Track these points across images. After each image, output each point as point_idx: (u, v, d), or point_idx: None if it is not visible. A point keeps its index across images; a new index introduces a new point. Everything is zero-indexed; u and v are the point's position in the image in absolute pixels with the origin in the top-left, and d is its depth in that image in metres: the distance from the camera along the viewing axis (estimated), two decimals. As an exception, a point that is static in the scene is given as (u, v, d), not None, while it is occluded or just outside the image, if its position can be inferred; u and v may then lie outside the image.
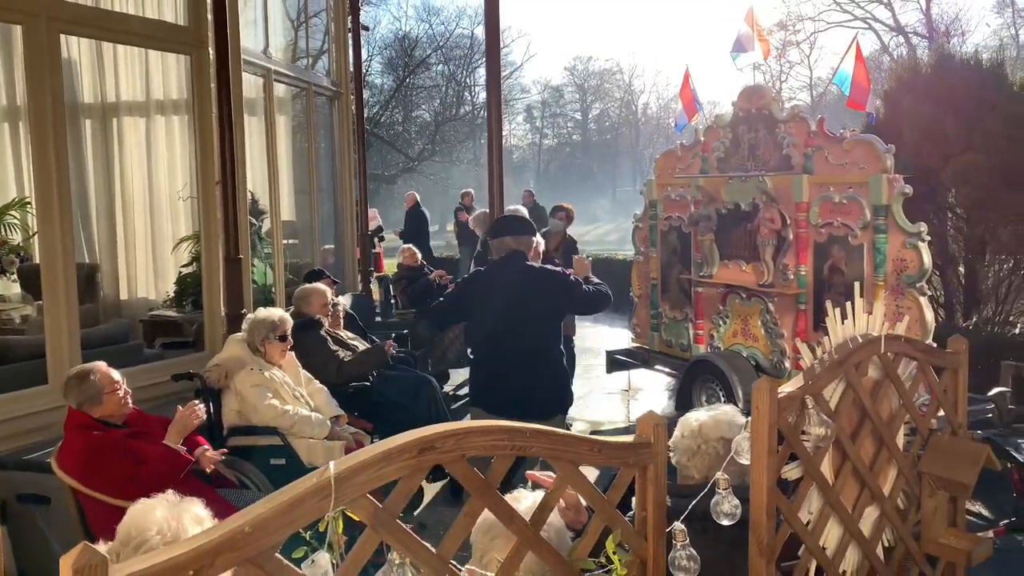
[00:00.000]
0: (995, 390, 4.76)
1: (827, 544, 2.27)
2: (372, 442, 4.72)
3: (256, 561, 1.19)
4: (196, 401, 4.06)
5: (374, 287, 9.52)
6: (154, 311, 6.95)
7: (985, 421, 4.74)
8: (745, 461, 2.06)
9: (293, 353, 4.86)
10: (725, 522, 2.03)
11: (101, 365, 3.79)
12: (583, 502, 2.12)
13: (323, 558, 1.30)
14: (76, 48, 7.43)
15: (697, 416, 2.55)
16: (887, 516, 2.39)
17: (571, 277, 4.28)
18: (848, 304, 2.36)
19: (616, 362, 8.16)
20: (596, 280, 4.46)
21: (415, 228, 13.08)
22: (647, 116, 55.57)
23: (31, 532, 3.97)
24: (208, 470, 3.81)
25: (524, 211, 7.56)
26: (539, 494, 1.83)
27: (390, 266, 11.48)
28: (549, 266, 4.51)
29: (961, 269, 8.76)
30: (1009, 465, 4.29)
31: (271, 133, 6.89)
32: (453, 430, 1.40)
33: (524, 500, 1.92)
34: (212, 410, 4.51)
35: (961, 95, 8.06)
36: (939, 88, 8.23)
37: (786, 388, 2.09)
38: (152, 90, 7.86)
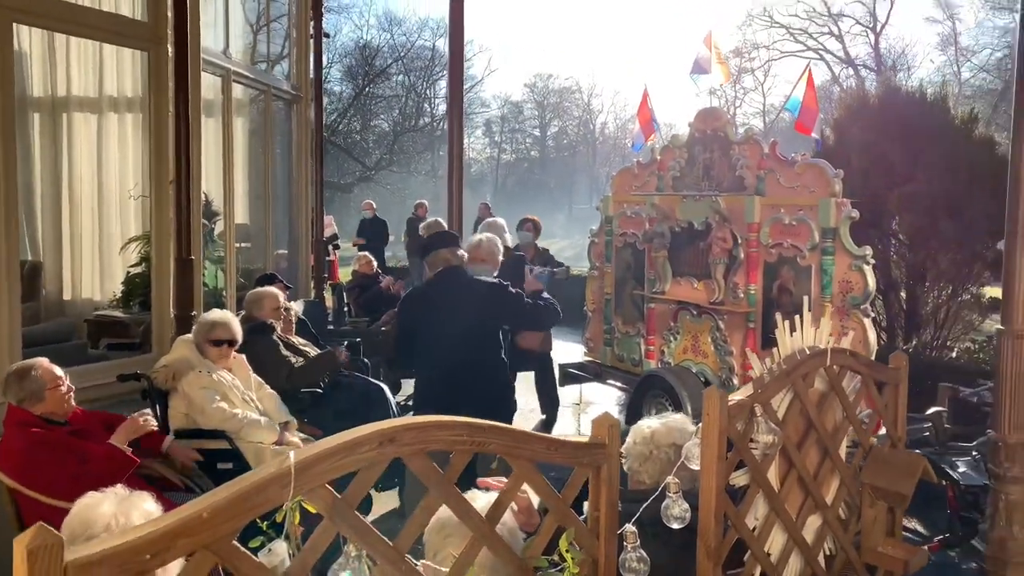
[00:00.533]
0: (932, 410, 4.93)
1: (771, 550, 2.33)
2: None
3: (213, 547, 1.18)
4: (147, 412, 3.98)
5: (327, 294, 9.44)
6: (100, 311, 6.78)
7: (922, 440, 4.90)
8: (695, 466, 2.11)
9: (244, 357, 4.79)
10: (675, 525, 2.07)
11: (43, 361, 3.69)
12: (535, 506, 2.14)
13: (280, 547, 1.30)
14: (27, 39, 7.24)
15: (649, 423, 2.60)
16: (829, 525, 2.46)
17: (514, 291, 4.31)
18: (797, 318, 2.44)
19: (569, 375, 8.21)
20: (547, 296, 4.51)
21: (374, 236, 13.03)
22: (604, 136, 56.22)
23: (-38, 535, 3.83)
24: (179, 465, 3.76)
25: (502, 222, 7.60)
26: (492, 495, 1.84)
27: (344, 274, 11.40)
28: (488, 279, 4.49)
29: (903, 294, 9.07)
30: (944, 483, 4.44)
31: (228, 134, 6.81)
32: (415, 423, 1.41)
33: (478, 500, 1.94)
34: (159, 412, 4.42)
35: (906, 126, 8.38)
36: (885, 119, 8.54)
37: (736, 396, 2.15)
38: (105, 86, 7.70)
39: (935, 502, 4.75)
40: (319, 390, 5.34)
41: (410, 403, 7.89)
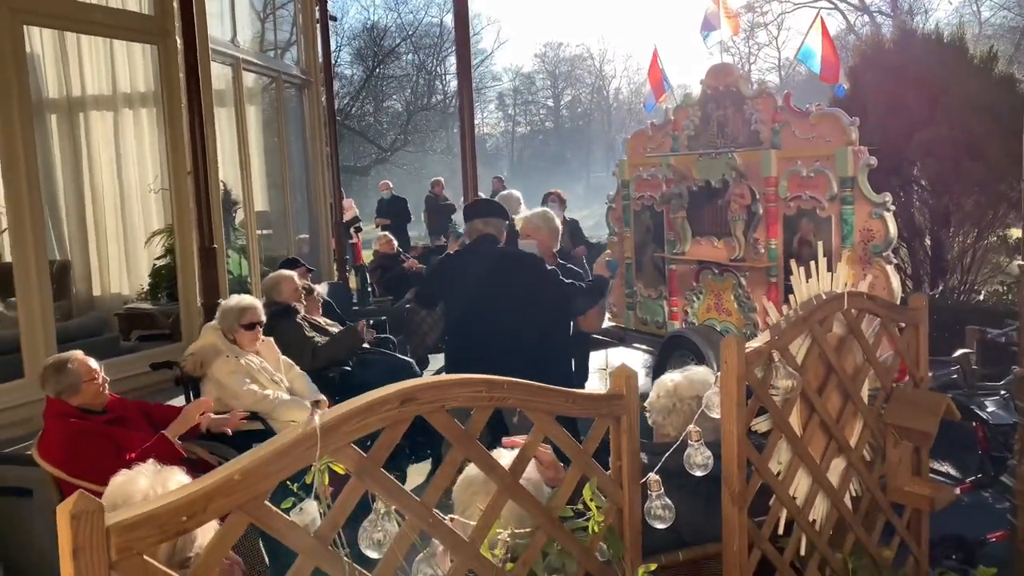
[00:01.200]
0: (959, 352, 4.90)
1: (797, 494, 2.36)
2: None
3: (247, 508, 1.24)
4: (206, 399, 4.08)
5: (351, 276, 9.52)
6: (129, 304, 6.92)
7: (951, 383, 4.88)
8: (716, 415, 2.14)
9: (272, 340, 4.87)
10: (698, 473, 2.10)
11: (78, 354, 3.79)
12: (559, 462, 2.19)
13: (311, 506, 1.35)
14: (39, 41, 7.33)
15: (672, 377, 2.64)
16: (854, 466, 2.49)
17: (549, 267, 4.28)
18: (812, 264, 2.45)
19: (593, 341, 8.25)
20: (596, 276, 4.50)
21: (395, 215, 13.07)
22: (619, 101, 55.62)
23: (14, 526, 3.97)
24: (230, 432, 3.89)
25: (518, 194, 7.59)
26: (516, 453, 1.89)
27: (368, 256, 11.47)
28: (524, 249, 4.48)
29: (927, 240, 8.96)
30: (974, 424, 4.43)
31: (241, 122, 6.87)
32: (434, 382, 1.46)
33: (503, 458, 1.99)
34: (191, 399, 4.53)
35: (923, 70, 8.22)
36: (901, 64, 8.38)
37: (753, 344, 2.17)
38: (118, 82, 7.78)
39: (966, 444, 4.74)
40: (347, 368, 5.43)
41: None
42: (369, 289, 8.93)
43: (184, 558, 1.78)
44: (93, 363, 3.79)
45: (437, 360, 8.00)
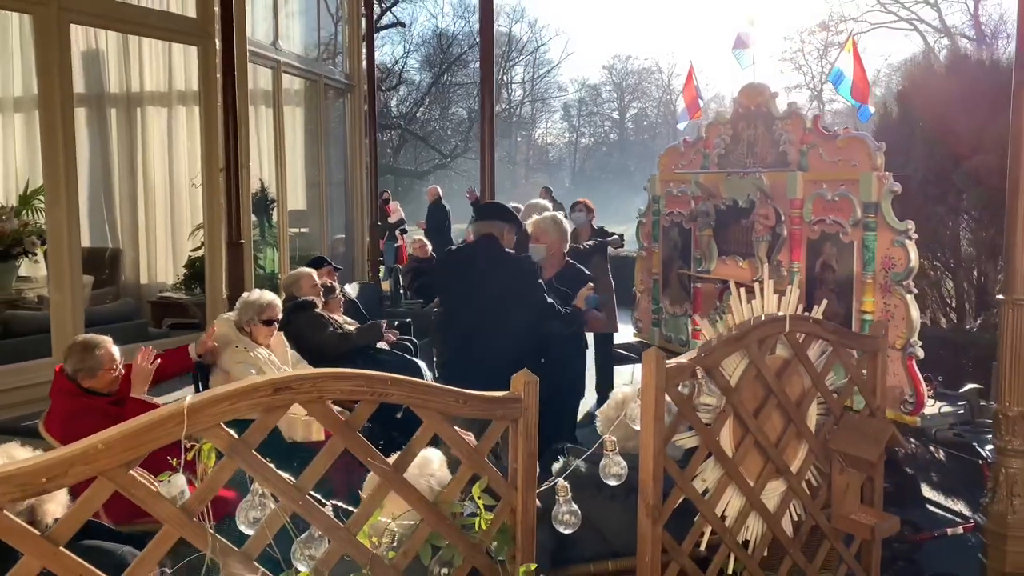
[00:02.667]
0: (968, 387, 4.76)
1: (728, 513, 2.36)
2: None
3: (109, 475, 1.34)
4: (145, 347, 4.17)
5: (383, 276, 9.72)
6: (163, 293, 7.22)
7: (962, 418, 4.75)
8: (637, 427, 2.17)
9: (283, 334, 5.04)
10: (612, 483, 2.14)
11: (108, 341, 3.94)
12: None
13: (179, 479, 1.45)
14: (104, 40, 7.74)
15: (623, 389, 2.67)
16: (794, 490, 2.47)
17: (539, 279, 4.41)
18: (757, 286, 2.45)
19: (620, 356, 8.24)
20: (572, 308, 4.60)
21: (437, 221, 13.27)
22: (716, 114, 55.06)
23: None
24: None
25: (544, 203, 7.68)
26: (432, 452, 1.96)
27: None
28: (531, 254, 4.60)
29: (975, 272, 8.65)
30: (979, 462, 4.30)
31: (279, 123, 7.11)
32: (312, 374, 1.54)
33: (434, 457, 2.07)
34: (200, 388, 4.72)
35: (975, 96, 7.96)
36: (952, 88, 8.14)
37: (680, 359, 2.20)
38: (174, 81, 8.15)
39: (978, 482, 4.60)
40: (354, 366, 5.57)
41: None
42: (401, 291, 9.10)
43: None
44: (117, 354, 3.96)
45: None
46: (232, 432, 1.46)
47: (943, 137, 8.13)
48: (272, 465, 1.52)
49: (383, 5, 34.56)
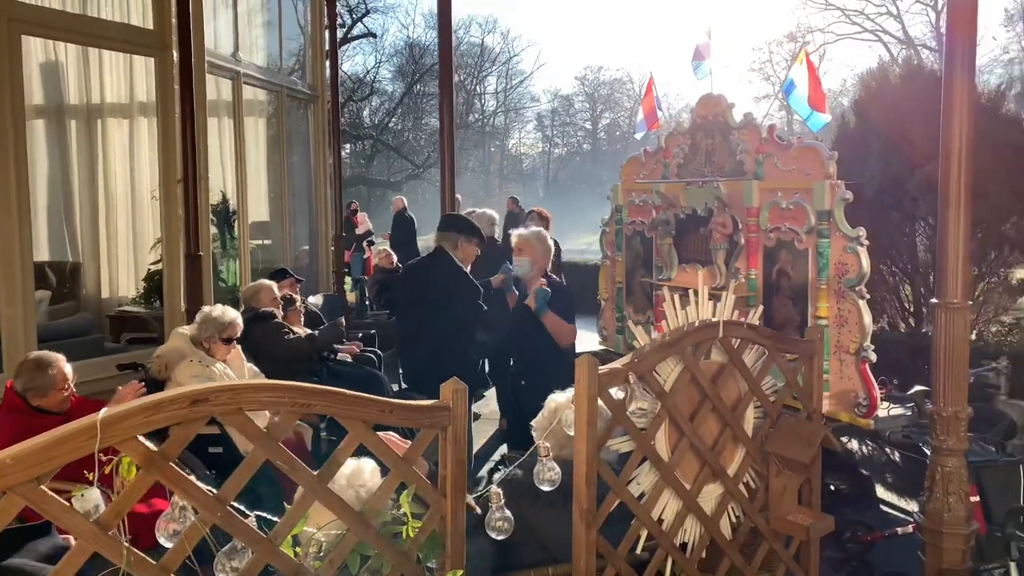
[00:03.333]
0: (915, 389, 4.85)
1: (665, 516, 2.40)
2: (315, 437, 4.89)
3: (19, 490, 1.34)
4: (136, 382, 4.19)
5: (348, 288, 9.69)
6: (121, 307, 7.15)
7: (911, 419, 4.84)
8: (572, 432, 2.20)
9: (239, 348, 5.02)
10: (546, 488, 2.16)
11: (61, 360, 3.89)
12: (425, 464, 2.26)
13: (93, 493, 1.45)
14: (63, 52, 7.66)
15: (556, 397, 2.70)
16: (731, 493, 2.51)
17: (472, 286, 4.52)
18: (691, 292, 2.50)
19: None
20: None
21: (403, 232, 13.28)
22: (675, 124, 55.55)
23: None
24: None
25: (492, 213, 7.74)
26: (364, 462, 1.97)
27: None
28: (459, 267, 4.70)
29: (931, 277, 8.83)
30: (927, 462, 4.38)
31: (239, 135, 7.08)
32: (231, 385, 1.55)
33: (365, 467, 2.08)
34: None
35: (928, 106, 8.13)
36: (906, 99, 8.33)
37: (613, 364, 2.23)
38: (135, 92, 8.08)
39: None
40: (316, 378, 5.56)
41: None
42: (367, 303, 9.09)
43: None
44: (70, 373, 3.92)
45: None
46: (150, 444, 1.47)
47: (898, 145, 8.31)
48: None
49: (354, 16, 34.55)
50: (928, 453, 4.26)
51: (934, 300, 3.09)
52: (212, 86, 6.76)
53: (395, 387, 7.49)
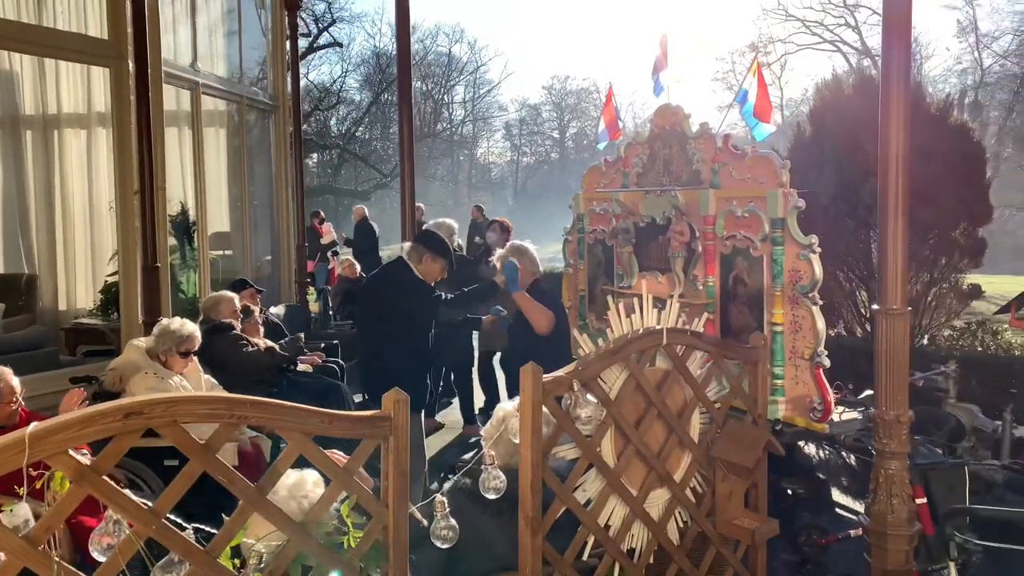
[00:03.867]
0: (866, 393, 4.96)
1: (612, 522, 2.43)
2: (274, 449, 4.86)
3: (-55, 507, 1.33)
4: (78, 389, 4.13)
5: (311, 298, 9.64)
6: (77, 319, 7.04)
7: (862, 423, 4.93)
8: (518, 440, 2.22)
9: (196, 361, 4.98)
10: (491, 496, 2.18)
11: (8, 373, 3.85)
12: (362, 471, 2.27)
13: (22, 508, 1.44)
14: (19, 62, 7.55)
15: (504, 406, 2.72)
16: (677, 498, 2.55)
17: (429, 293, 4.54)
18: (636, 301, 2.54)
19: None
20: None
21: (364, 241, 13.25)
22: (624, 135, 56.04)
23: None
24: None
25: (450, 223, 7.76)
26: (307, 472, 1.97)
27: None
28: (414, 278, 4.69)
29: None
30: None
31: (199, 145, 7.03)
32: (166, 398, 1.55)
33: (308, 478, 2.09)
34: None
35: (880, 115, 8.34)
36: (859, 108, 8.52)
37: (556, 373, 2.26)
38: (93, 102, 7.98)
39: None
40: (274, 389, 5.53)
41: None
42: (331, 313, 9.04)
43: None
44: (18, 386, 3.87)
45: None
46: (81, 458, 1.46)
47: (852, 154, 8.50)
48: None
49: (320, 25, 34.43)
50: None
51: (875, 306, 3.18)
52: (171, 96, 6.71)
53: (358, 398, 7.46)
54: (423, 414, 4.84)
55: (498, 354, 6.97)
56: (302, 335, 5.82)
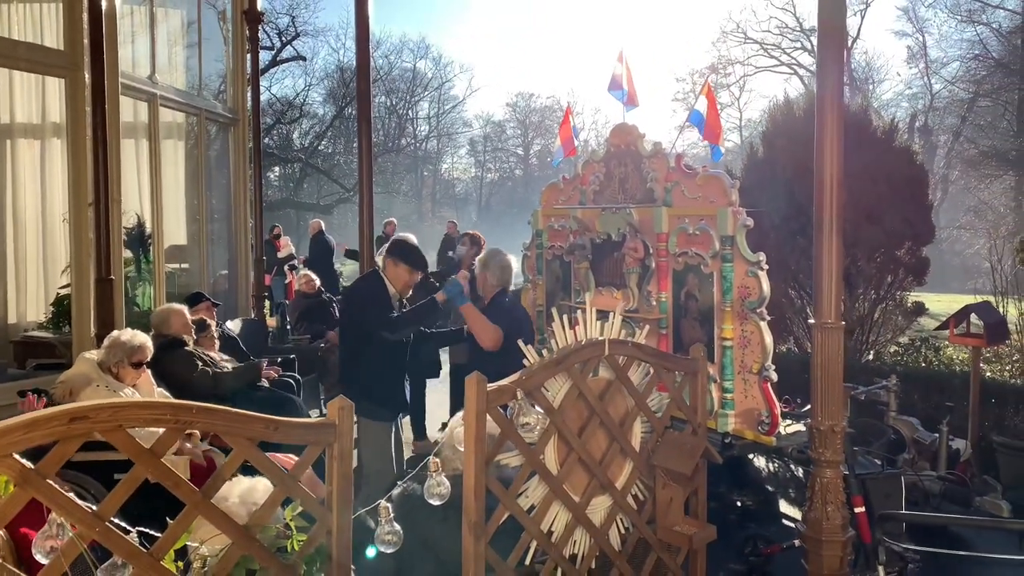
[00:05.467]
0: (808, 406, 5.10)
1: (555, 528, 2.49)
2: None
3: None
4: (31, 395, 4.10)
5: (268, 313, 9.59)
6: (28, 332, 6.93)
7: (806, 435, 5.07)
8: (463, 448, 2.28)
9: (149, 372, 4.95)
10: (435, 502, 2.24)
11: None
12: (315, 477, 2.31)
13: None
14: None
15: (458, 417, 2.79)
16: (619, 505, 2.63)
17: (381, 305, 4.61)
18: (580, 313, 2.63)
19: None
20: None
21: (320, 254, 13.28)
22: (587, 153, 56.64)
23: None
24: None
25: (411, 238, 7.83)
26: (258, 480, 2.01)
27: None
28: (379, 289, 4.74)
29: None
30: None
31: (155, 157, 6.99)
32: (112, 403, 1.59)
33: (259, 485, 2.12)
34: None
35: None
36: (808, 130, 8.76)
37: (500, 382, 2.33)
38: (48, 113, 7.89)
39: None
40: (228, 403, 5.50)
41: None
42: (288, 327, 9.01)
43: None
44: None
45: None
46: (26, 462, 1.50)
47: (802, 174, 8.74)
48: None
49: (283, 39, 34.31)
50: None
51: (811, 321, 3.31)
52: (128, 108, 6.67)
53: (315, 413, 7.45)
54: (398, 426, 4.90)
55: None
56: (264, 362, 5.81)
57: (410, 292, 4.97)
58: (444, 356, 8.13)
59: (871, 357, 8.34)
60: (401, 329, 4.57)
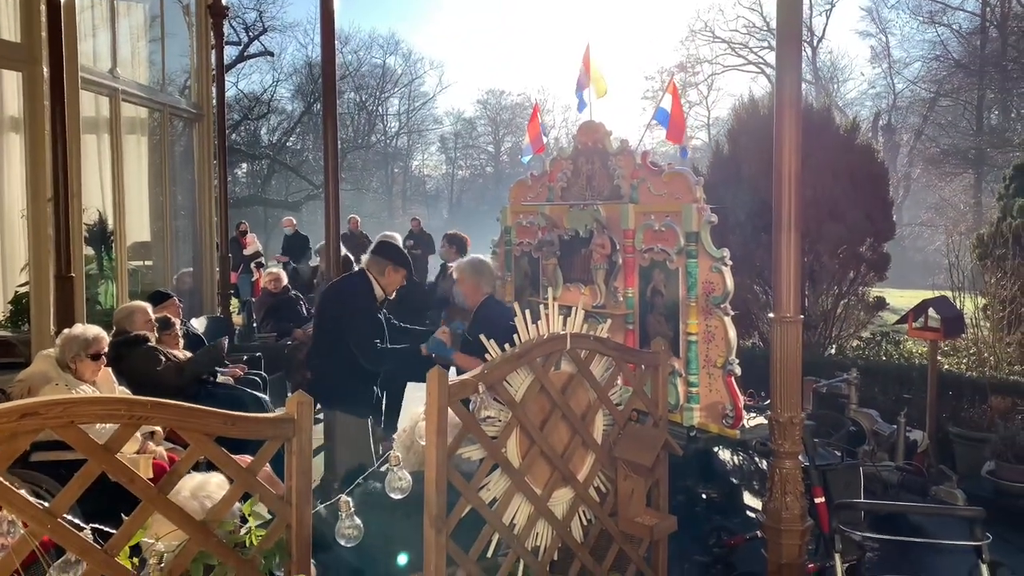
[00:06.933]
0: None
1: (518, 520, 2.51)
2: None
3: None
4: None
5: (234, 310, 9.50)
6: (-16, 330, 6.79)
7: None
8: (424, 442, 2.29)
9: (110, 370, 4.89)
10: (396, 496, 2.25)
11: None
12: (274, 476, 2.30)
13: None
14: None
15: (416, 415, 2.80)
16: (581, 497, 2.65)
17: (359, 307, 4.61)
18: (542, 308, 2.64)
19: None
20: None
21: (296, 252, 13.16)
22: (558, 150, 56.79)
23: None
24: None
25: (396, 236, 7.84)
26: (211, 476, 2.00)
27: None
28: (356, 288, 4.74)
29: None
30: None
31: (117, 153, 6.88)
32: (62, 399, 1.57)
33: (212, 479, 2.12)
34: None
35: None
36: (772, 128, 8.90)
37: (462, 376, 2.34)
38: (5, 107, 7.72)
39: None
40: (193, 401, 5.45)
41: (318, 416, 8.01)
42: (254, 324, 8.93)
43: None
44: None
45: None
46: (-25, 458, 1.48)
47: (766, 171, 8.85)
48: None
49: (251, 34, 33.92)
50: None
51: (771, 315, 3.37)
52: (89, 103, 6.56)
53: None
54: (371, 424, 4.90)
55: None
56: (224, 340, 5.75)
57: (394, 294, 5.08)
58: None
59: (833, 351, 8.48)
60: (380, 364, 4.63)
